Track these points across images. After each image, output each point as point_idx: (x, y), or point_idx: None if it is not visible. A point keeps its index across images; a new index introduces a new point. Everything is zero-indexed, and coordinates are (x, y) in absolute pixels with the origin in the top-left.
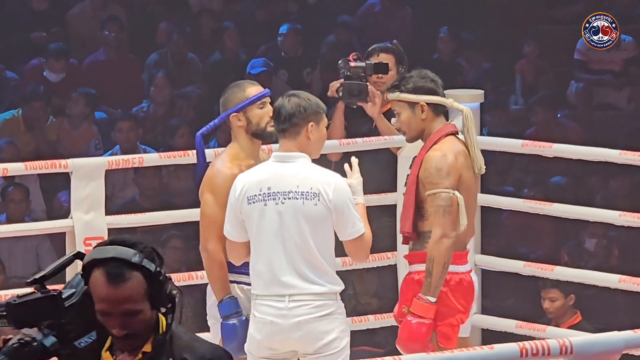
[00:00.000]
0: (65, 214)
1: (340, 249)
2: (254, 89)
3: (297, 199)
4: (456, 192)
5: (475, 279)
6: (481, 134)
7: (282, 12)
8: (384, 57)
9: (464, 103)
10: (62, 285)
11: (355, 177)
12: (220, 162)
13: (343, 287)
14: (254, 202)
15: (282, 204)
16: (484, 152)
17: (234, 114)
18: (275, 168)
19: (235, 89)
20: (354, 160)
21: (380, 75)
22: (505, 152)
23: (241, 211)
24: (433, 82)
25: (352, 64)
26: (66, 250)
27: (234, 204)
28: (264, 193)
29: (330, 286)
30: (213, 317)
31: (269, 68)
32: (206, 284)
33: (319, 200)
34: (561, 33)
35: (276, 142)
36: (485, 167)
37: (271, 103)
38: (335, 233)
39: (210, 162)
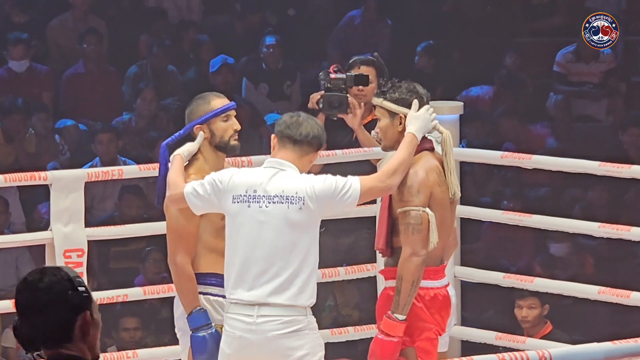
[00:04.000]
0: (45, 226)
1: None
2: (218, 102)
3: (282, 203)
4: (427, 210)
5: (453, 292)
6: (460, 145)
7: (261, 24)
8: (364, 70)
9: (444, 115)
10: None
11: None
12: (185, 174)
13: (314, 301)
14: (237, 202)
15: (265, 208)
16: (463, 163)
17: (198, 125)
18: (265, 172)
19: (200, 100)
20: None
21: (360, 87)
22: (484, 163)
23: (221, 205)
24: (419, 97)
25: (333, 75)
26: (46, 262)
27: (215, 195)
28: (249, 195)
29: (302, 296)
30: (180, 329)
31: (224, 62)
32: None
33: (303, 204)
34: (540, 45)
35: (233, 154)
36: (460, 193)
37: (236, 116)
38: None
39: None
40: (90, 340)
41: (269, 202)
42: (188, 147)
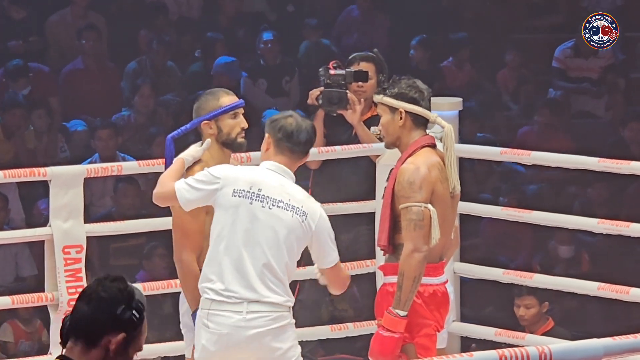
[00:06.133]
0: (44, 222)
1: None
2: (227, 99)
3: (286, 210)
4: (429, 206)
5: (451, 289)
6: (460, 141)
7: (260, 20)
8: (364, 66)
9: (443, 111)
10: None
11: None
12: (189, 171)
13: (293, 303)
14: (239, 196)
15: (269, 210)
16: (462, 159)
17: (206, 121)
18: (269, 175)
19: (209, 96)
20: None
21: (360, 83)
22: (483, 160)
23: (216, 198)
24: (419, 92)
25: (332, 71)
26: (45, 258)
27: (212, 185)
28: (253, 192)
29: (288, 297)
30: (185, 325)
31: (229, 61)
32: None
33: (305, 219)
34: (540, 42)
35: (242, 151)
36: (460, 187)
37: (244, 114)
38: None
39: None
40: None
41: (273, 205)
42: (193, 153)
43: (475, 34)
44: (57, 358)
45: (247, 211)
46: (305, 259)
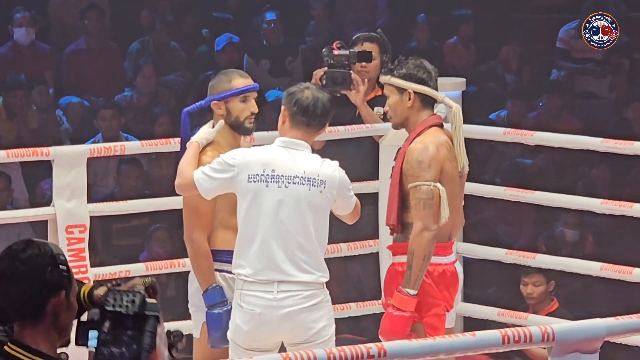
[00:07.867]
0: (47, 201)
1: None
2: (240, 81)
3: (303, 184)
4: (438, 185)
5: (460, 269)
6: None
7: (263, 0)
8: (367, 46)
9: (446, 91)
10: None
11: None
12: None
13: (328, 278)
14: (254, 182)
15: (285, 188)
16: (465, 140)
17: (216, 101)
18: (281, 152)
19: (222, 76)
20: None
21: (364, 63)
22: (486, 140)
23: (233, 185)
24: (427, 73)
25: (336, 52)
26: (48, 237)
27: (227, 174)
28: (267, 174)
29: (320, 274)
30: (194, 305)
31: (230, 41)
32: (188, 272)
33: (324, 189)
34: (544, 22)
35: (248, 134)
36: (468, 167)
37: (256, 99)
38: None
39: None
40: (61, 323)
41: (289, 182)
42: (206, 135)
43: (479, 14)
44: (7, 347)
45: (265, 195)
46: None
